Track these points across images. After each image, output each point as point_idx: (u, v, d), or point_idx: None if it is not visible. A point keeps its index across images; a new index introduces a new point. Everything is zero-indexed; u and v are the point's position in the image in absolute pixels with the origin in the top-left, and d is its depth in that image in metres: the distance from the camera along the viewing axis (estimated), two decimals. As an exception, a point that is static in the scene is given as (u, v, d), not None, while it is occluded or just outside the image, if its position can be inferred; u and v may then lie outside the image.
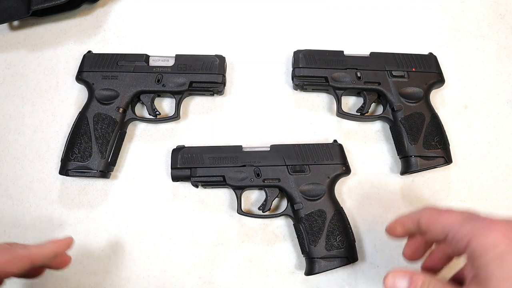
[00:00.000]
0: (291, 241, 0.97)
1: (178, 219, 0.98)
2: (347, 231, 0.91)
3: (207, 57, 1.01)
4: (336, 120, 1.04)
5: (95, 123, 0.96)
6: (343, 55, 1.01)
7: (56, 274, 0.95)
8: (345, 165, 0.95)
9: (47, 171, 1.01)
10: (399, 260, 0.96)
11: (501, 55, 1.10)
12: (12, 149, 1.02)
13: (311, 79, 1.00)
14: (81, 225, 0.98)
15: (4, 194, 1.00)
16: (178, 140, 1.03)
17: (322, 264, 0.88)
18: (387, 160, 1.02)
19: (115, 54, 1.01)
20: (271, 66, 1.08)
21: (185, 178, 0.94)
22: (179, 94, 1.00)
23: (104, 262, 0.96)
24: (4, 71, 1.08)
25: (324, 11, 1.13)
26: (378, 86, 0.99)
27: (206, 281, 0.95)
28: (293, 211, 0.93)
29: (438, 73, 1.01)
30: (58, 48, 1.09)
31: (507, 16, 1.13)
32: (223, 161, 0.94)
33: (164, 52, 1.04)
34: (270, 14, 1.13)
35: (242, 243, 0.97)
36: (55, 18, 1.11)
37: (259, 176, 0.94)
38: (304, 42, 1.08)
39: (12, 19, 1.05)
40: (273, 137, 1.03)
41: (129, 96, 0.98)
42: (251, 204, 0.99)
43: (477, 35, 1.11)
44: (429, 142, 0.95)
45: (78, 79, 1.00)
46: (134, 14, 1.13)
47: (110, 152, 0.96)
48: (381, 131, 1.04)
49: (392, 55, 1.01)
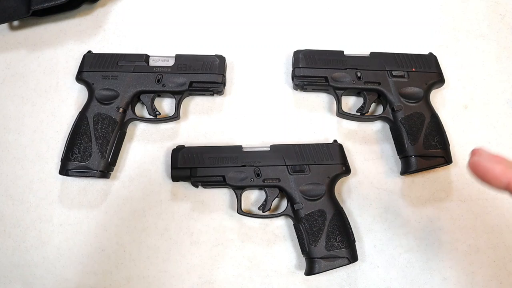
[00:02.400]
0: (291, 241, 0.97)
1: (178, 219, 0.98)
2: (347, 231, 0.91)
3: (207, 57, 1.01)
4: (336, 120, 1.04)
5: (95, 123, 0.96)
6: (343, 55, 1.01)
7: (56, 274, 0.96)
8: (345, 165, 0.95)
9: (47, 171, 1.01)
10: (399, 260, 0.96)
11: (501, 55, 1.10)
12: (12, 149, 1.02)
13: (311, 79, 1.00)
14: (81, 225, 0.98)
15: (4, 194, 1.00)
16: (178, 140, 1.03)
17: (322, 264, 0.88)
18: (387, 160, 1.02)
19: (115, 54, 1.01)
20: (271, 66, 1.08)
21: (185, 178, 0.94)
22: (179, 94, 1.00)
23: (104, 262, 0.96)
24: (4, 71, 1.08)
25: (324, 11, 1.13)
26: (378, 86, 0.99)
27: (206, 281, 0.95)
28: (293, 211, 0.93)
29: (438, 73, 1.01)
30: (58, 48, 1.09)
31: (507, 16, 1.13)
32: (223, 161, 0.94)
33: (164, 52, 1.04)
34: (270, 14, 1.13)
35: (242, 243, 0.97)
36: (55, 18, 1.11)
37: (259, 176, 0.94)
38: (304, 42, 1.08)
39: (12, 19, 1.05)
40: (273, 137, 1.03)
41: (129, 96, 0.98)
42: (251, 204, 0.99)
43: (477, 35, 1.11)
44: (429, 142, 0.95)
45: (78, 79, 1.00)
46: (134, 14, 1.13)
47: (110, 152, 0.96)
48: (381, 131, 1.04)
49: (392, 55, 1.01)
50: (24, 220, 0.98)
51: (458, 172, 1.01)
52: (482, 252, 0.96)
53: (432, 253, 0.96)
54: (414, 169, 0.94)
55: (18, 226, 0.98)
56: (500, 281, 0.95)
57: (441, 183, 1.00)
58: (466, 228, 0.98)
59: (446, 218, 0.98)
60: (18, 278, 0.96)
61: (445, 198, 0.99)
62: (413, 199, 0.99)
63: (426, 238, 0.97)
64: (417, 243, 0.97)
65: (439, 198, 0.99)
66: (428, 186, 1.00)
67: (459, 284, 0.95)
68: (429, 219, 0.98)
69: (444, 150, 0.95)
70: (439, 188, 1.00)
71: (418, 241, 0.97)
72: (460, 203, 0.99)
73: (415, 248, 0.97)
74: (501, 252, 0.96)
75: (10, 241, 0.97)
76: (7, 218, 0.99)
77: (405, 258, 0.96)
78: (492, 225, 0.98)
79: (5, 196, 1.00)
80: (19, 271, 0.96)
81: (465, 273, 0.96)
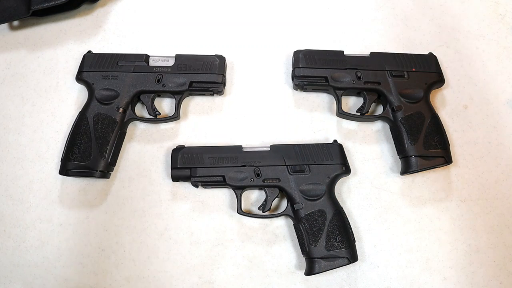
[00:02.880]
0: (291, 241, 0.97)
1: (178, 219, 0.98)
2: (347, 231, 0.91)
3: (207, 57, 1.01)
4: (336, 120, 1.04)
5: (95, 123, 0.96)
6: (343, 55, 1.01)
7: (56, 274, 0.96)
8: (345, 165, 0.95)
9: (47, 171, 1.01)
10: (399, 260, 0.96)
11: (501, 55, 1.10)
12: (12, 149, 1.02)
13: (311, 79, 1.00)
14: (81, 225, 0.98)
15: (4, 194, 1.00)
16: (178, 140, 1.03)
17: (322, 264, 0.88)
18: (387, 160, 1.02)
19: (115, 54, 1.01)
20: (271, 66, 1.08)
21: (185, 178, 0.94)
22: (179, 94, 1.00)
23: (104, 262, 0.96)
24: (4, 71, 1.08)
25: (324, 11, 1.13)
26: (378, 86, 0.99)
27: (206, 281, 0.95)
28: (293, 211, 0.93)
29: (438, 73, 1.01)
30: (58, 48, 1.09)
31: (507, 16, 1.13)
32: (223, 161, 0.94)
33: (164, 52, 1.04)
34: (270, 14, 1.13)
35: (242, 243, 0.97)
36: (55, 18, 1.11)
37: (259, 176, 0.94)
38: (304, 42, 1.08)
39: (12, 19, 1.05)
40: (273, 137, 1.03)
41: (129, 96, 0.98)
42: (251, 204, 0.99)
43: (477, 35, 1.11)
44: (429, 142, 0.95)
45: (78, 79, 1.00)
46: (134, 14, 1.13)
47: (110, 152, 0.96)
48: (381, 131, 1.04)
49: (392, 55, 1.01)
50: (24, 220, 0.98)
51: (458, 172, 1.01)
52: (482, 252, 0.96)
53: (432, 253, 0.96)
54: (414, 169, 0.94)
55: (18, 226, 0.98)
56: (500, 281, 0.95)
57: (441, 183, 1.00)
58: (466, 228, 0.98)
59: (446, 218, 0.98)
60: (18, 278, 0.96)
61: (445, 198, 0.99)
62: (413, 199, 0.99)
63: (426, 238, 0.97)
64: (417, 243, 0.97)
65: (439, 198, 0.99)
66: (428, 186, 1.00)
67: (459, 284, 0.95)
68: (429, 219, 0.98)
69: (444, 150, 0.95)
70: (439, 188, 1.00)
71: (418, 241, 0.97)
72: (460, 203, 0.99)
73: (415, 248, 0.97)
74: (501, 252, 0.96)
75: (10, 241, 0.97)
76: (7, 218, 0.99)
77: (405, 258, 0.96)
78: (492, 225, 0.98)
79: (5, 196, 1.00)
80: (19, 271, 0.96)
81: (465, 273, 0.96)
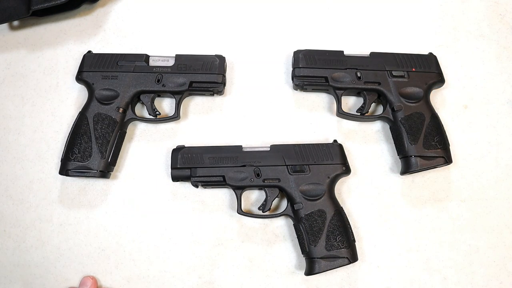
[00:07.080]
0: (291, 241, 0.97)
1: (178, 219, 0.98)
2: (347, 231, 0.91)
3: (207, 57, 1.01)
4: (336, 120, 1.04)
5: (95, 123, 0.96)
6: (343, 55, 1.01)
7: (56, 274, 0.96)
8: (345, 165, 0.95)
9: (47, 171, 1.01)
10: (399, 260, 0.96)
11: (501, 55, 1.10)
12: (12, 149, 1.02)
13: (311, 79, 1.00)
14: (81, 225, 0.98)
15: (4, 194, 1.00)
16: (178, 140, 1.03)
17: (322, 264, 0.88)
18: (387, 160, 1.02)
19: (115, 54, 1.01)
20: (271, 66, 1.08)
21: (185, 178, 0.94)
22: (179, 94, 1.00)
23: (104, 262, 0.96)
24: (4, 71, 1.08)
25: (324, 11, 1.13)
26: (378, 86, 0.99)
27: (206, 281, 0.95)
28: (293, 211, 0.93)
29: (438, 73, 1.01)
30: (58, 48, 1.09)
31: (507, 16, 1.13)
32: (223, 161, 0.94)
33: (164, 52, 1.04)
34: (270, 14, 1.13)
35: (242, 243, 0.97)
36: (55, 18, 1.11)
37: (259, 176, 0.94)
38: (304, 42, 1.08)
39: (12, 19, 1.05)
40: (273, 137, 1.03)
41: (129, 96, 0.98)
42: (251, 204, 0.99)
43: (477, 35, 1.11)
44: (429, 142, 0.95)
45: (78, 79, 1.00)
46: (134, 14, 1.13)
47: (110, 152, 0.96)
48: (381, 131, 1.04)
49: (392, 55, 1.01)
50: (24, 220, 0.98)
51: (458, 172, 1.01)
52: (482, 252, 0.96)
53: (432, 253, 0.96)
54: (414, 169, 0.94)
55: (18, 226, 0.98)
56: (500, 281, 0.95)
57: (441, 183, 1.00)
58: (466, 228, 0.98)
59: (446, 218, 0.98)
60: (18, 278, 0.96)
61: (445, 198, 0.99)
62: (413, 199, 0.99)
63: (426, 238, 0.97)
64: (417, 243, 0.97)
65: (439, 198, 0.99)
66: (428, 186, 1.00)
67: (459, 284, 0.95)
68: (429, 219, 0.98)
69: (444, 150, 0.95)
70: (439, 188, 1.00)
71: (418, 241, 0.97)
72: (460, 203, 0.99)
73: (415, 248, 0.97)
74: (501, 252, 0.96)
75: (10, 241, 0.98)
76: (7, 218, 0.99)
77: (405, 258, 0.96)
78: (492, 225, 0.98)
79: (5, 196, 1.00)
80: (19, 271, 0.96)
81: (465, 273, 0.96)
